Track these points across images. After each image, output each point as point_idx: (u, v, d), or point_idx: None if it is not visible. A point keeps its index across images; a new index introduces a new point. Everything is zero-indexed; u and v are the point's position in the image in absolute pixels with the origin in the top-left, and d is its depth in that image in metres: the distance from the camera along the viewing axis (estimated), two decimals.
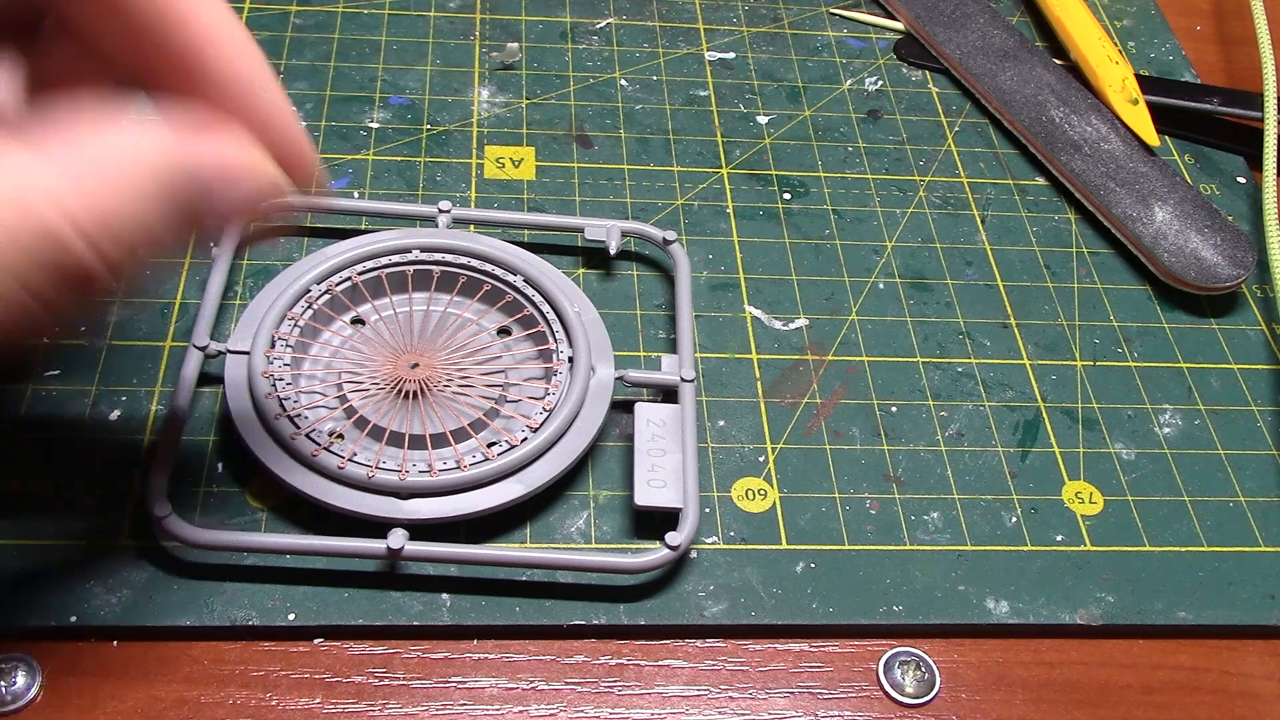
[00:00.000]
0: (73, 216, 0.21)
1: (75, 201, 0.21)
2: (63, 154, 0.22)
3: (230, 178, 0.24)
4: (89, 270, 0.22)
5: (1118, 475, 0.35)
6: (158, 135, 0.23)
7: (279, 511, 0.31)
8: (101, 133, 0.22)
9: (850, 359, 0.37)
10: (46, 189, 0.21)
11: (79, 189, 0.21)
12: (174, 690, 0.28)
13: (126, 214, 0.22)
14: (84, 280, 0.22)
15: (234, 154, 0.24)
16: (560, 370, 0.33)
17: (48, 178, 0.21)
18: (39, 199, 0.21)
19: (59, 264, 0.21)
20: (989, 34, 0.47)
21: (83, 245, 0.21)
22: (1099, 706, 0.30)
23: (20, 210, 0.21)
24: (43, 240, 0.21)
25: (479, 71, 0.44)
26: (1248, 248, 0.40)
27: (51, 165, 0.21)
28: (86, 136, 0.22)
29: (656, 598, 0.30)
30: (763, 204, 0.41)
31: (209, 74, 0.25)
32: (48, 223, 0.21)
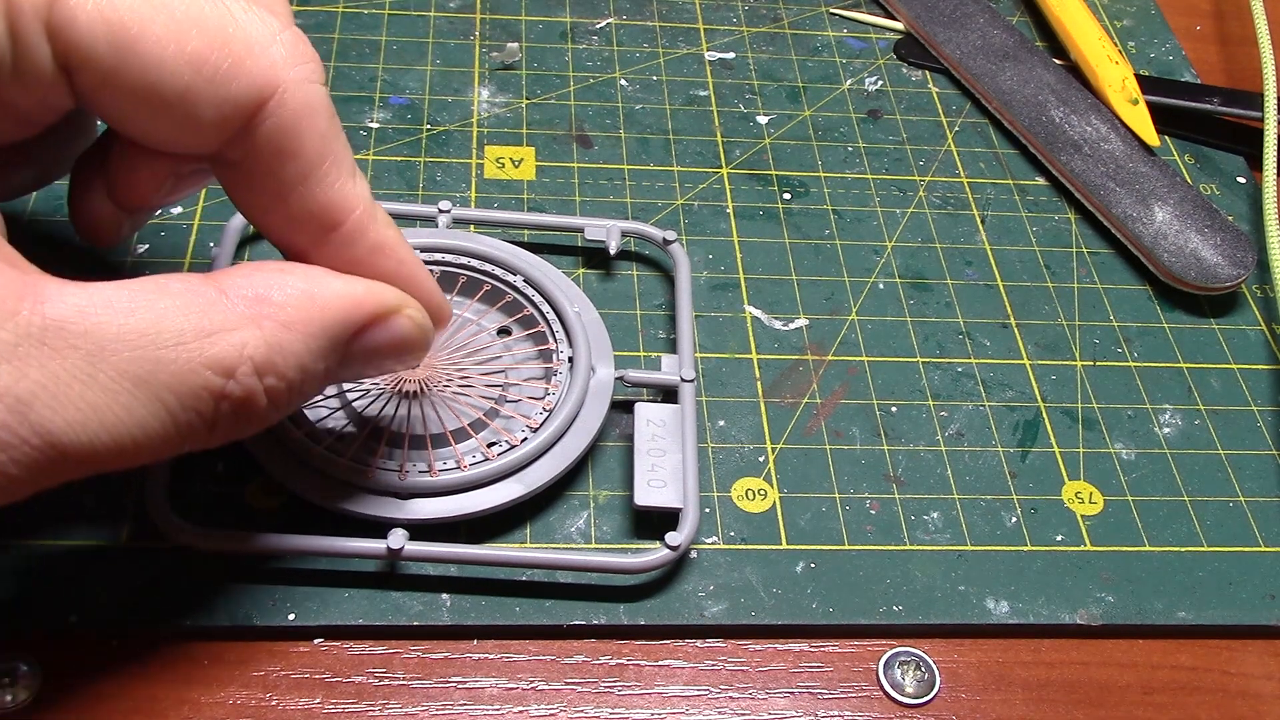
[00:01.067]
0: (263, 376, 0.23)
1: (266, 359, 0.23)
2: (258, 308, 0.23)
3: (394, 335, 0.26)
4: (260, 410, 0.23)
5: (1118, 475, 0.35)
6: (340, 289, 0.24)
7: (279, 511, 0.31)
8: (289, 281, 0.24)
9: (850, 359, 0.37)
10: (246, 350, 0.22)
11: (270, 347, 0.23)
12: (174, 690, 0.28)
13: (303, 365, 0.23)
14: (253, 417, 0.23)
15: (404, 313, 0.26)
16: (560, 370, 0.33)
17: (247, 339, 0.22)
18: (239, 360, 0.22)
19: (239, 405, 0.23)
20: (989, 34, 0.47)
21: (264, 394, 0.23)
22: (1099, 706, 0.30)
23: (222, 369, 0.22)
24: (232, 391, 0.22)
25: (479, 71, 0.44)
26: (1248, 248, 0.40)
27: (249, 323, 0.22)
28: (278, 288, 0.23)
29: (656, 598, 0.30)
30: (763, 204, 0.41)
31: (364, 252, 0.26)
32: (241, 380, 0.22)
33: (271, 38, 0.24)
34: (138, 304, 0.21)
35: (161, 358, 0.21)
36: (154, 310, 0.21)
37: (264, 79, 0.24)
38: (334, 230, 0.25)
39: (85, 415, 0.20)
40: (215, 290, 0.23)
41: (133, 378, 0.21)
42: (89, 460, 0.21)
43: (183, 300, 0.22)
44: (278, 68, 0.24)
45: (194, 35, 0.23)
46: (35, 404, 0.20)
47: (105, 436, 0.21)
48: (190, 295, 0.22)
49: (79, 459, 0.21)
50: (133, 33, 0.22)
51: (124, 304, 0.21)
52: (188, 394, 0.22)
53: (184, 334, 0.22)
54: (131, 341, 0.21)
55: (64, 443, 0.20)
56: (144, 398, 0.21)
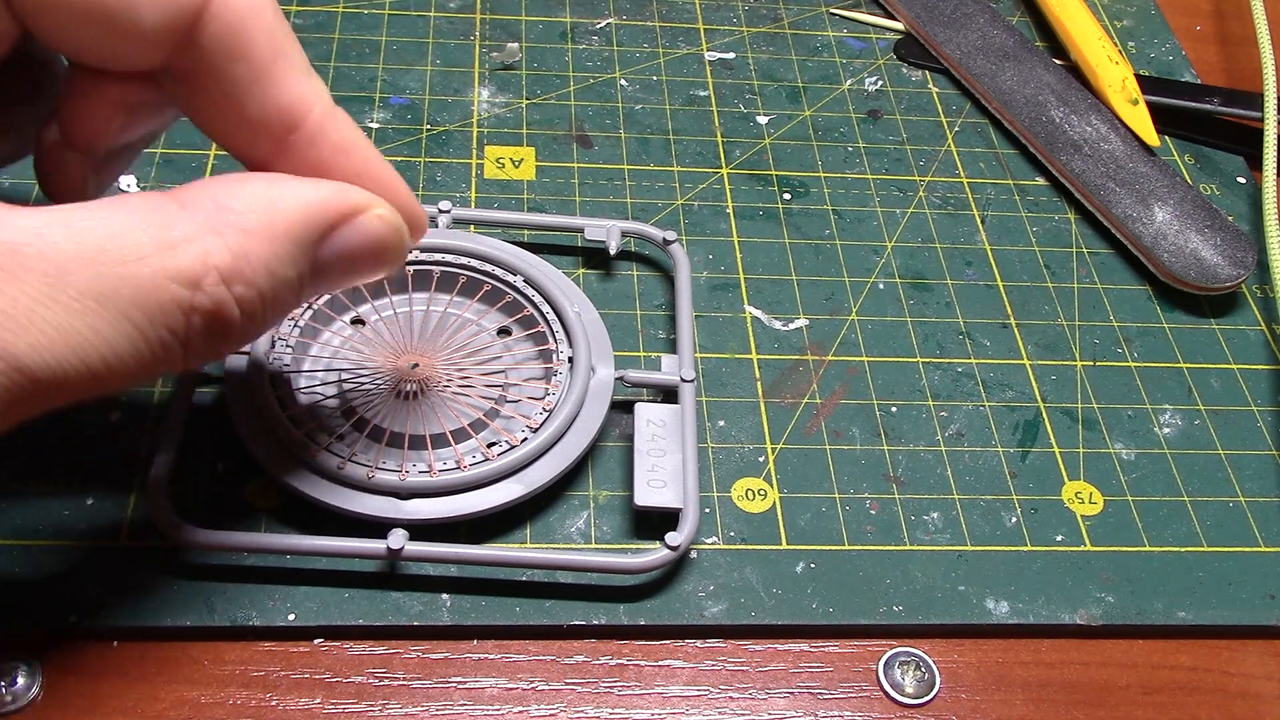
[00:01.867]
0: (227, 279, 0.22)
1: (231, 266, 0.22)
2: (219, 216, 0.22)
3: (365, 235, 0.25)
4: (233, 322, 0.22)
5: (1118, 475, 0.35)
6: (303, 192, 0.23)
7: (279, 512, 0.31)
8: (250, 189, 0.23)
9: (850, 359, 0.37)
10: (209, 258, 0.22)
11: (235, 254, 0.22)
12: (174, 690, 0.28)
13: (273, 271, 0.23)
14: (227, 331, 0.22)
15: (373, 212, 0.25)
16: (560, 370, 0.33)
17: (210, 246, 0.22)
18: (203, 269, 0.21)
19: (210, 318, 0.22)
20: (989, 34, 0.47)
21: (234, 304, 0.22)
22: (1099, 706, 0.30)
23: (186, 279, 0.21)
24: (201, 302, 0.22)
25: (479, 71, 0.44)
26: (1248, 248, 0.40)
27: (211, 232, 0.22)
28: (238, 195, 0.23)
29: (656, 598, 0.30)
30: (763, 204, 0.41)
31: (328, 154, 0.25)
32: (208, 290, 0.22)
33: None
34: (94, 221, 0.21)
35: (123, 274, 0.20)
36: (111, 226, 0.21)
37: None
38: (293, 132, 0.25)
39: (50, 338, 0.20)
40: (173, 203, 0.22)
41: (95, 296, 0.20)
42: (61, 386, 0.20)
43: (141, 215, 0.21)
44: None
45: None
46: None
47: (74, 359, 0.20)
48: (148, 210, 0.21)
49: (50, 384, 0.20)
50: None
51: (80, 222, 0.21)
52: (155, 309, 0.21)
53: (144, 247, 0.21)
54: (90, 259, 0.20)
55: (31, 367, 0.20)
56: (110, 316, 0.20)
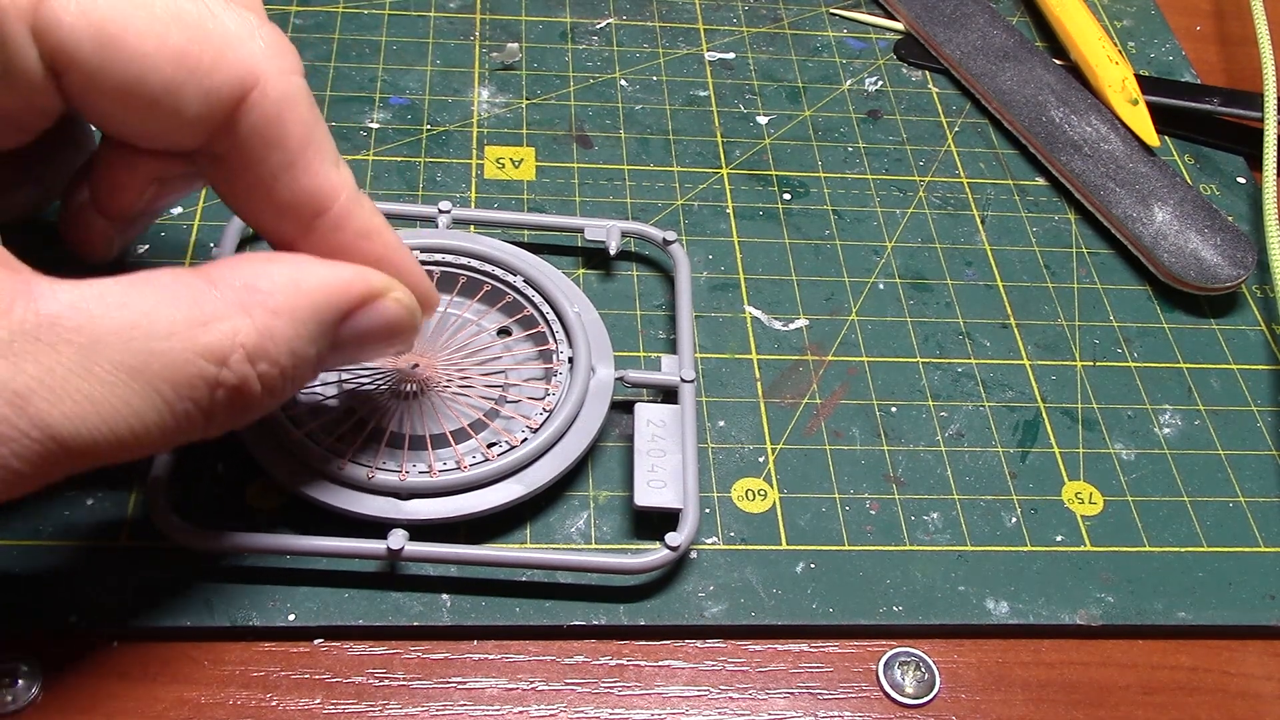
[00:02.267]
0: (256, 362, 0.23)
1: (257, 345, 0.23)
2: (247, 296, 0.23)
3: (383, 318, 0.26)
4: (256, 398, 0.23)
5: (1118, 475, 0.35)
6: (327, 275, 0.25)
7: (279, 512, 0.31)
8: (276, 270, 0.24)
9: (850, 359, 0.37)
10: (237, 337, 0.23)
11: (261, 333, 0.23)
12: (174, 690, 0.28)
13: (295, 350, 0.24)
14: (249, 405, 0.24)
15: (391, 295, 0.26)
16: (560, 371, 0.33)
17: (239, 326, 0.23)
18: (231, 348, 0.23)
19: (234, 393, 0.23)
20: (989, 34, 0.47)
21: (258, 381, 0.23)
22: (1099, 706, 0.30)
23: (215, 357, 0.22)
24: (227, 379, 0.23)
25: (479, 71, 0.44)
26: (1248, 248, 0.40)
27: (239, 310, 0.23)
28: (265, 276, 0.24)
29: (656, 598, 0.30)
30: (763, 204, 0.41)
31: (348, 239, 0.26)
32: (234, 368, 0.23)
33: (251, 33, 0.24)
34: (129, 297, 0.22)
35: (155, 349, 0.22)
36: (145, 302, 0.22)
37: (246, 70, 0.24)
38: (319, 216, 0.26)
39: (83, 408, 0.21)
40: (204, 281, 0.23)
41: (128, 369, 0.21)
42: (89, 453, 0.21)
43: (173, 292, 0.22)
44: (258, 60, 0.24)
45: (175, 31, 0.23)
46: (33, 398, 0.20)
47: (104, 428, 0.21)
48: (180, 287, 0.23)
49: (79, 452, 0.21)
50: (116, 30, 0.23)
51: (115, 298, 0.22)
52: (183, 383, 0.22)
53: (176, 324, 0.22)
54: (125, 334, 0.21)
55: (63, 435, 0.21)
56: (140, 388, 0.21)
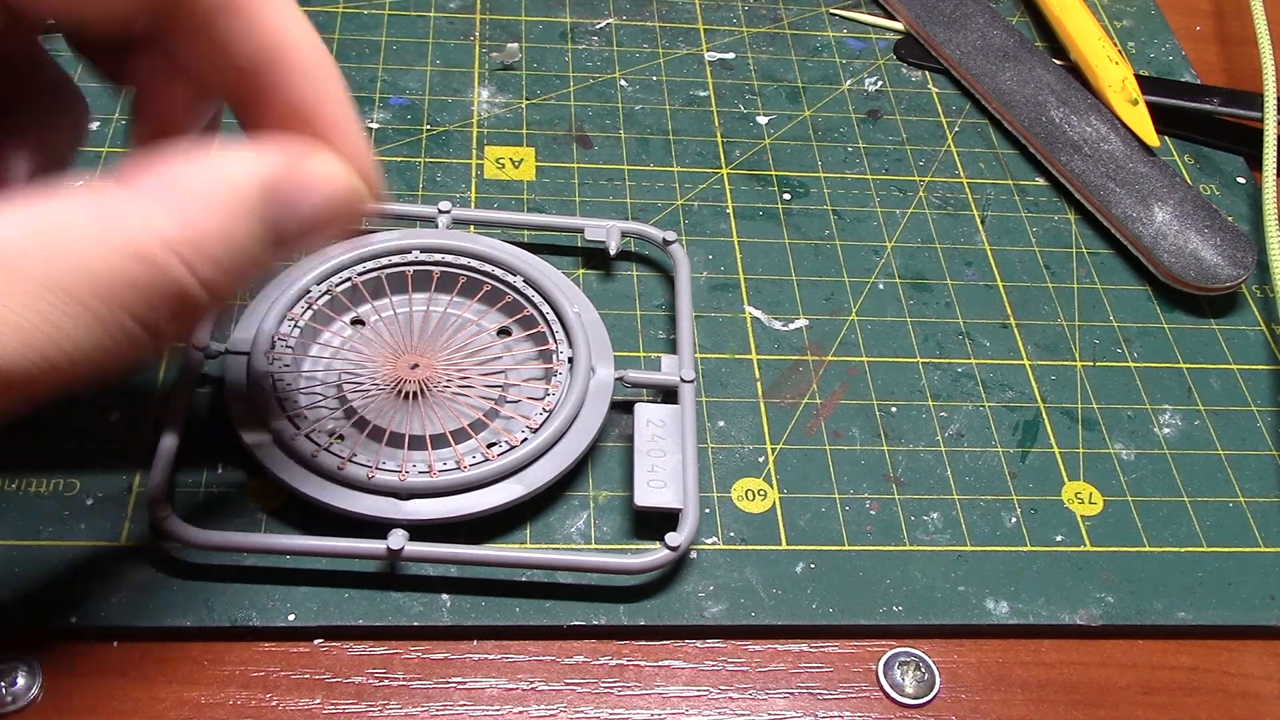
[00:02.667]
0: (179, 250, 0.21)
1: (179, 235, 0.21)
2: (160, 189, 0.22)
3: (319, 194, 0.24)
4: (195, 298, 0.22)
5: (1117, 475, 0.35)
6: (246, 159, 0.23)
7: (279, 512, 0.31)
8: (193, 163, 0.22)
9: (850, 359, 0.37)
10: (153, 228, 0.21)
11: (181, 222, 0.21)
12: (174, 690, 0.28)
13: (226, 240, 0.22)
14: (190, 308, 0.22)
15: (322, 171, 0.24)
16: (560, 371, 0.33)
17: (152, 216, 0.21)
18: (149, 240, 0.21)
19: (169, 297, 0.21)
20: (989, 34, 0.47)
21: (190, 276, 0.21)
22: (1099, 706, 0.30)
23: (134, 253, 0.21)
24: (156, 278, 0.21)
25: (479, 72, 0.44)
26: (1248, 248, 0.40)
27: (153, 203, 0.21)
28: (179, 168, 0.22)
29: (656, 598, 0.30)
30: (763, 204, 0.41)
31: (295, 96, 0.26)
32: (159, 262, 0.21)
33: None
34: (38, 213, 0.20)
35: (71, 259, 0.20)
36: (52, 213, 0.20)
37: None
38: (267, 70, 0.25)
39: (4, 335, 0.19)
40: (115, 184, 0.22)
41: (48, 286, 0.20)
42: (27, 383, 0.20)
43: (82, 200, 0.21)
44: None
45: None
46: None
47: (33, 354, 0.20)
48: (89, 193, 0.21)
49: (15, 383, 0.20)
50: None
51: (17, 215, 0.20)
52: (109, 291, 0.20)
53: (88, 230, 0.20)
54: (38, 250, 0.20)
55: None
56: (65, 304, 0.20)
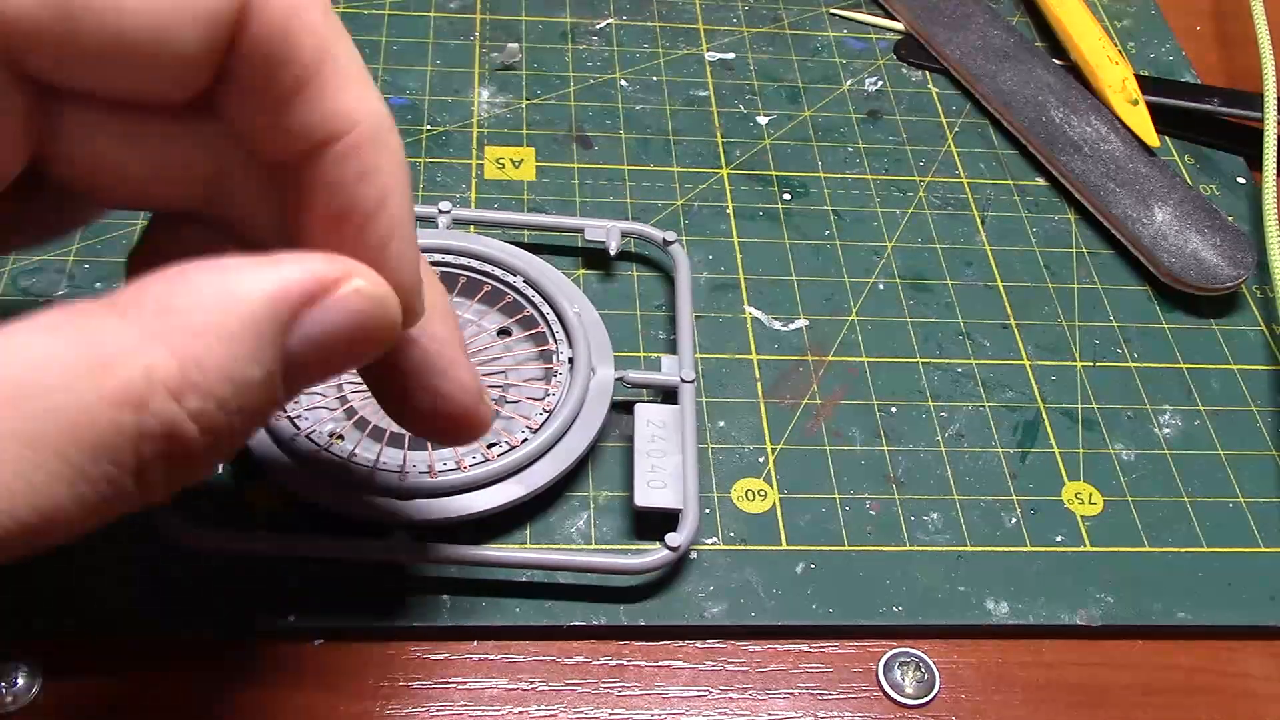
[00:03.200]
0: (177, 395, 0.18)
1: (179, 378, 0.18)
2: (157, 318, 0.18)
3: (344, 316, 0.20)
4: (193, 447, 0.19)
5: (1117, 476, 0.35)
6: (262, 274, 0.19)
7: (279, 512, 0.31)
8: (197, 277, 0.19)
9: (850, 360, 0.37)
10: (148, 369, 0.18)
11: (182, 360, 0.18)
12: (174, 691, 0.28)
13: (234, 378, 0.19)
14: (188, 458, 0.19)
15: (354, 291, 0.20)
16: (560, 371, 0.33)
17: (147, 354, 0.18)
18: (143, 385, 0.18)
19: (163, 446, 0.18)
20: (989, 34, 0.47)
21: (189, 423, 0.18)
22: (1099, 707, 0.30)
23: (125, 402, 0.18)
24: (149, 427, 0.18)
25: (479, 72, 0.44)
26: (1248, 248, 0.40)
27: (149, 337, 0.18)
28: (181, 288, 0.19)
29: (656, 598, 0.30)
30: (763, 204, 0.41)
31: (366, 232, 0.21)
32: (154, 410, 0.18)
33: None
34: (12, 349, 0.17)
35: (52, 407, 0.17)
36: (34, 352, 0.17)
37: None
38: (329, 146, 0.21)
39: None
40: (105, 310, 0.18)
41: (22, 439, 0.17)
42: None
43: (66, 334, 0.18)
44: None
45: None
46: None
47: (3, 516, 0.17)
48: (77, 323, 0.18)
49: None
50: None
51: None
52: (94, 443, 0.17)
53: (74, 371, 0.17)
54: (9, 397, 0.17)
55: None
56: (42, 460, 0.17)
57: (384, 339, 0.21)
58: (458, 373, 0.24)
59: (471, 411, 0.25)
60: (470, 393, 0.24)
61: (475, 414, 0.25)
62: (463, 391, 0.24)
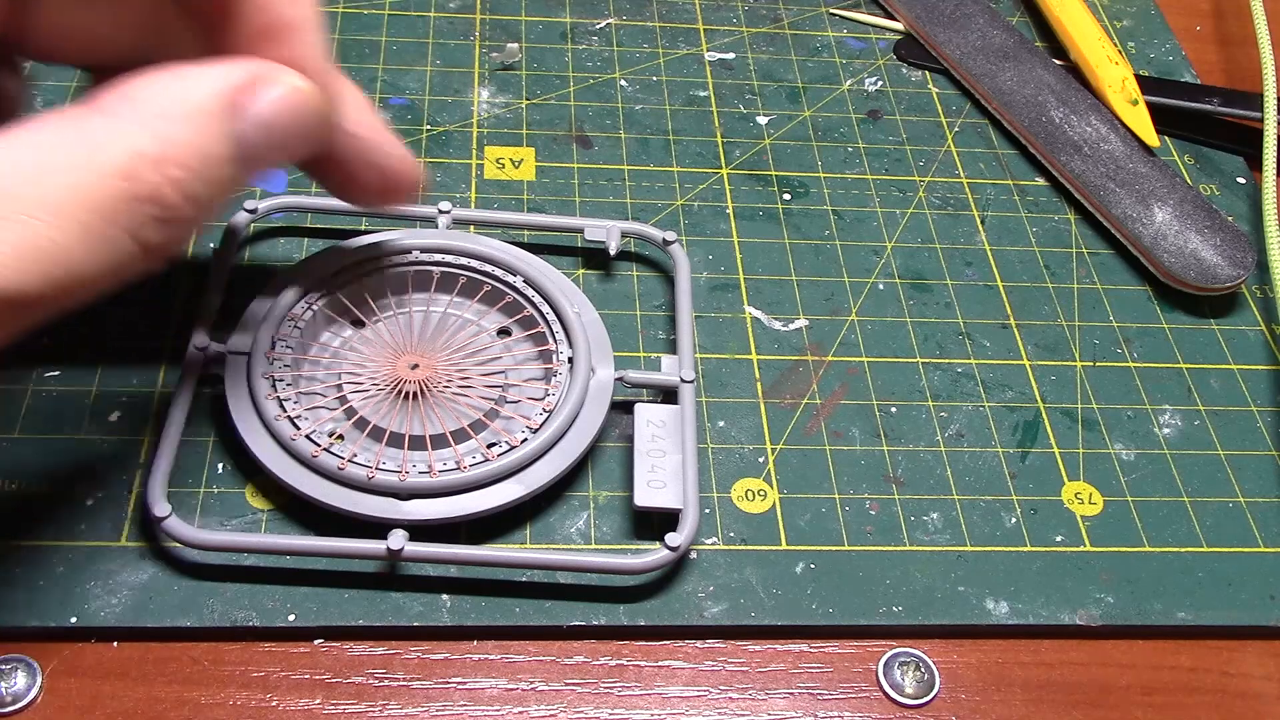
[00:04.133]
0: (158, 165, 0.22)
1: (157, 151, 0.22)
2: (132, 109, 0.23)
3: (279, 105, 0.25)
4: (178, 210, 0.23)
5: (1117, 476, 0.35)
6: (208, 75, 0.24)
7: (279, 512, 0.31)
8: (158, 81, 0.23)
9: (850, 359, 0.37)
10: (132, 147, 0.22)
11: (156, 138, 0.23)
12: (174, 691, 0.28)
13: (200, 152, 0.23)
14: (175, 220, 0.23)
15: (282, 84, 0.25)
16: (560, 371, 0.33)
17: (130, 136, 0.22)
18: (131, 158, 0.22)
19: (155, 209, 0.23)
20: (989, 34, 0.47)
21: (171, 189, 0.23)
22: (1099, 707, 0.30)
23: (119, 171, 0.22)
24: (142, 193, 0.22)
25: (479, 72, 0.44)
26: (1247, 248, 0.40)
27: (129, 123, 0.23)
28: (147, 88, 0.23)
29: (656, 598, 0.30)
30: (763, 204, 0.41)
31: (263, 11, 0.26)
32: (143, 178, 0.22)
33: None
34: (18, 140, 0.22)
35: (65, 181, 0.21)
36: (38, 141, 0.22)
37: None
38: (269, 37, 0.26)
39: (15, 257, 0.21)
40: (90, 110, 0.23)
41: (46, 207, 0.21)
42: (33, 303, 0.21)
43: (61, 128, 0.22)
44: None
45: None
46: None
47: (37, 273, 0.21)
48: (67, 120, 0.22)
49: (19, 303, 0.21)
50: None
51: (4, 146, 0.22)
52: (102, 208, 0.22)
53: (75, 154, 0.22)
54: (32, 175, 0.21)
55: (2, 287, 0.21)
56: (63, 224, 0.21)
57: (313, 122, 0.26)
58: (391, 147, 0.29)
59: (412, 170, 0.29)
60: (406, 158, 0.29)
61: (415, 172, 0.30)
62: (401, 160, 0.29)
